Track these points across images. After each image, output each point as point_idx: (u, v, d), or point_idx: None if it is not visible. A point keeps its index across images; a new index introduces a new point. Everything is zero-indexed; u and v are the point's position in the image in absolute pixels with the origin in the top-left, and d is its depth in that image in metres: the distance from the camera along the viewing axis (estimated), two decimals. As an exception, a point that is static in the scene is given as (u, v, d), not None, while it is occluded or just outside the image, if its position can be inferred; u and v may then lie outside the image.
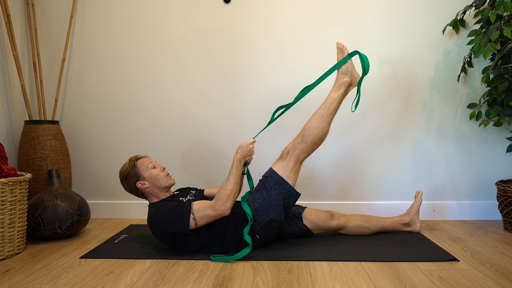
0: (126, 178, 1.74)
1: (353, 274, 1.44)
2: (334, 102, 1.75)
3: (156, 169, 1.76)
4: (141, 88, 2.35)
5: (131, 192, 1.77)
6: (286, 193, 1.69)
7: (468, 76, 2.23)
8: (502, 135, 2.23)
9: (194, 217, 1.59)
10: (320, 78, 1.75)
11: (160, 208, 1.65)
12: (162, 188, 1.75)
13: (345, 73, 1.77)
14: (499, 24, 1.80)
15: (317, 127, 1.71)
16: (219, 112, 2.33)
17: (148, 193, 1.75)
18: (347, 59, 1.75)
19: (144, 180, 1.73)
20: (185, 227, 1.58)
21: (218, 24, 2.30)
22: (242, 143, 1.71)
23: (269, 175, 1.72)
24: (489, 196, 2.25)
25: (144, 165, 1.75)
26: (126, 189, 1.77)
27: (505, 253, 1.65)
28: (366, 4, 2.24)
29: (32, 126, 2.13)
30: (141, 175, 1.73)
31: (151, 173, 1.74)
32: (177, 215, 1.59)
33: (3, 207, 1.65)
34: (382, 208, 2.28)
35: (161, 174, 1.75)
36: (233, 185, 1.63)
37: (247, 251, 1.59)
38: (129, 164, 1.76)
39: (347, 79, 1.77)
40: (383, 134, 2.28)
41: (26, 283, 1.39)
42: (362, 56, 1.72)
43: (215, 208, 1.60)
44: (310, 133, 1.70)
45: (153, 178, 1.73)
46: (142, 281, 1.39)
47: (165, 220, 1.60)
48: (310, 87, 1.77)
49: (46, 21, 2.36)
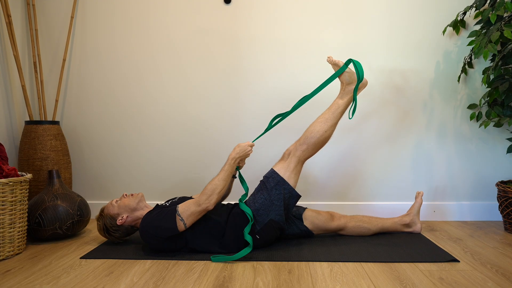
0: (108, 230, 1.78)
1: (353, 275, 1.44)
2: (339, 108, 1.76)
3: (119, 200, 1.80)
4: (142, 89, 2.35)
5: (127, 235, 1.82)
6: (286, 193, 1.70)
7: (468, 76, 2.23)
8: (503, 136, 2.23)
9: (181, 218, 1.60)
10: (319, 87, 1.77)
11: (145, 218, 1.67)
12: (137, 207, 1.79)
13: (349, 82, 1.78)
14: (499, 25, 1.80)
15: (320, 130, 1.72)
16: (219, 113, 2.33)
17: (134, 220, 1.79)
18: (344, 69, 1.76)
19: (119, 215, 1.77)
20: (173, 228, 1.60)
21: (218, 25, 2.30)
22: (240, 143, 1.72)
23: (270, 175, 1.72)
24: (490, 196, 2.25)
25: (109, 207, 1.79)
26: (122, 236, 1.80)
27: (505, 254, 1.65)
28: (366, 5, 2.25)
29: (32, 126, 2.13)
30: (113, 215, 1.77)
31: (119, 205, 1.78)
32: (164, 220, 1.61)
33: (4, 207, 1.65)
34: (382, 209, 2.28)
35: (125, 200, 1.80)
36: (221, 181, 1.64)
37: (248, 250, 1.59)
38: (98, 219, 1.80)
39: (353, 86, 1.78)
40: (383, 135, 2.28)
41: (26, 283, 1.39)
42: (356, 63, 1.74)
43: (199, 203, 1.60)
44: (312, 135, 1.72)
45: (123, 207, 1.77)
46: (143, 282, 1.39)
47: (153, 227, 1.62)
48: (308, 97, 1.79)
49: (47, 21, 2.37)
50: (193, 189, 2.36)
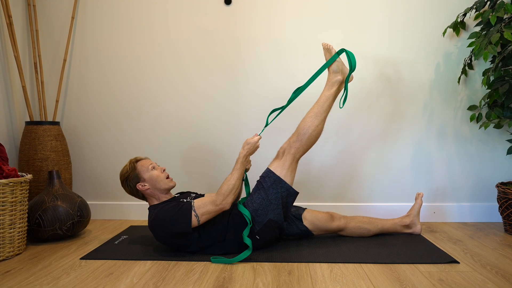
0: (127, 180, 1.74)
1: (353, 276, 1.44)
2: (328, 100, 1.77)
3: (156, 171, 1.75)
4: (142, 89, 2.36)
5: (132, 194, 1.77)
6: (284, 192, 1.70)
7: (468, 78, 2.23)
8: (503, 137, 2.23)
9: (196, 214, 1.59)
10: (311, 78, 1.77)
11: (161, 209, 1.65)
12: (162, 190, 1.75)
13: (336, 71, 1.79)
14: (499, 27, 1.80)
15: (312, 125, 1.72)
16: (220, 113, 2.33)
17: (148, 195, 1.75)
18: (335, 58, 1.77)
19: (145, 182, 1.73)
20: (188, 225, 1.59)
21: (218, 26, 2.30)
22: (248, 139, 1.71)
23: (266, 175, 1.72)
24: (490, 198, 2.25)
25: (144, 167, 1.74)
26: (127, 191, 1.77)
27: (505, 255, 1.65)
28: (366, 6, 2.25)
29: (33, 127, 2.13)
30: (142, 176, 1.73)
31: (151, 174, 1.73)
32: (179, 214, 1.60)
33: (4, 208, 1.65)
34: (382, 210, 2.28)
35: (161, 175, 1.75)
36: (236, 180, 1.65)
37: (247, 253, 1.59)
38: (129, 165, 1.75)
39: (339, 77, 1.79)
40: (383, 136, 2.28)
41: (26, 284, 1.39)
42: (349, 53, 1.74)
43: (216, 203, 1.61)
44: (305, 131, 1.72)
45: (153, 179, 1.73)
46: (143, 282, 1.39)
47: (167, 220, 1.60)
48: (301, 88, 1.79)
49: (47, 22, 2.37)
50: (194, 188, 2.36)
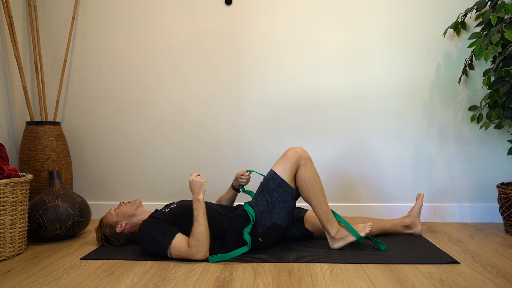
0: (108, 239, 1.80)
1: (353, 276, 1.43)
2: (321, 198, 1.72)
3: (117, 209, 1.82)
4: (142, 90, 2.36)
5: (128, 242, 1.84)
6: (288, 195, 1.69)
7: (469, 78, 2.23)
8: (503, 138, 2.23)
9: (170, 253, 1.60)
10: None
11: (147, 223, 1.66)
12: (135, 213, 1.80)
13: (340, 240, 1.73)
14: (500, 27, 1.80)
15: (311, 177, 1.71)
16: (219, 115, 2.33)
17: (133, 227, 1.80)
18: (360, 240, 1.70)
19: (118, 223, 1.78)
20: (163, 252, 1.61)
21: (219, 27, 2.30)
22: (190, 179, 1.67)
23: (270, 177, 1.72)
24: (490, 198, 2.25)
25: (108, 217, 1.80)
26: (121, 244, 1.82)
27: (506, 256, 1.65)
28: (367, 6, 2.25)
29: (33, 127, 2.13)
30: (112, 223, 1.78)
31: (117, 213, 1.79)
32: (157, 241, 1.61)
33: (4, 208, 1.65)
34: (383, 210, 2.28)
35: (123, 207, 1.81)
36: (201, 226, 1.58)
37: (245, 249, 1.60)
38: (98, 230, 1.82)
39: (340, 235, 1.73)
40: (383, 136, 2.28)
41: (26, 284, 1.39)
42: (372, 240, 1.75)
43: (191, 254, 1.58)
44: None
45: (121, 215, 1.79)
46: (143, 283, 1.39)
47: (148, 241, 1.63)
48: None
49: (48, 22, 2.37)
50: (194, 190, 2.36)
